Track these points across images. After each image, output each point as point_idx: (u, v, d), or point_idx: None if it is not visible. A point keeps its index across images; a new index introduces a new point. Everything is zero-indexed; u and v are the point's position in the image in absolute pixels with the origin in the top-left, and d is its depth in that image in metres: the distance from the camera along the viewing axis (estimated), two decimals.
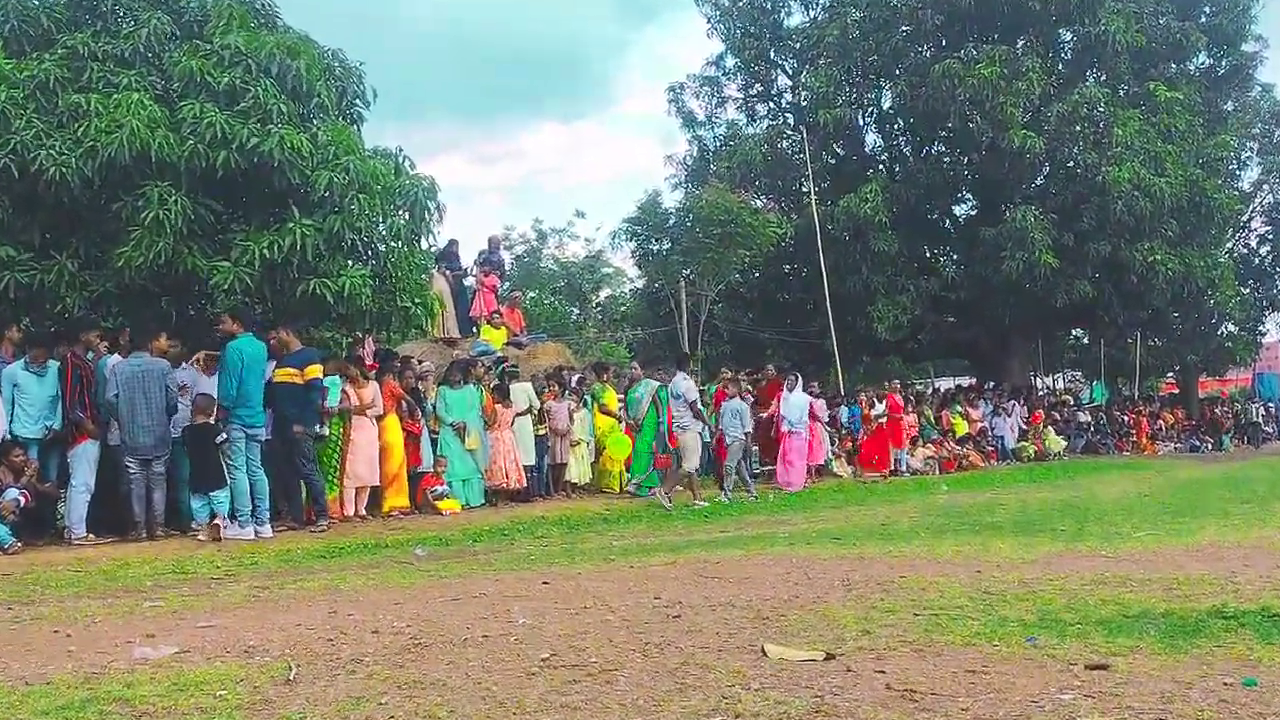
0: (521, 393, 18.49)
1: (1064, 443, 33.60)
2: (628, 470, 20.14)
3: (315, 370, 13.81)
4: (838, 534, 12.04)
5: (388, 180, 15.12)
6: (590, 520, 15.73)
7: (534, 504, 17.73)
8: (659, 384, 19.87)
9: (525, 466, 18.12)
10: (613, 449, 19.96)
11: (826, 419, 24.34)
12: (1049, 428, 33.40)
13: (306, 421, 13.79)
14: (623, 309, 44.99)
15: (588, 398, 20.15)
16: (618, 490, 19.89)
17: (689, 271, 31.91)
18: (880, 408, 26.40)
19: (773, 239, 31.37)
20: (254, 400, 13.35)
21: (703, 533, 13.22)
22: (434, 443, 16.98)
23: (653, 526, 14.53)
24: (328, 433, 14.77)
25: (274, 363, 13.86)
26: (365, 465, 15.36)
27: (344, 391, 15.19)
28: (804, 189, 34.06)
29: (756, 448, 21.89)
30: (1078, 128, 32.25)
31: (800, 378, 22.94)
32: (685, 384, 18.19)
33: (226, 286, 13.71)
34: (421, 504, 16.36)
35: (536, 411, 18.67)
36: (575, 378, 20.45)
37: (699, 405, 18.27)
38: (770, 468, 22.08)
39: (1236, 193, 38.85)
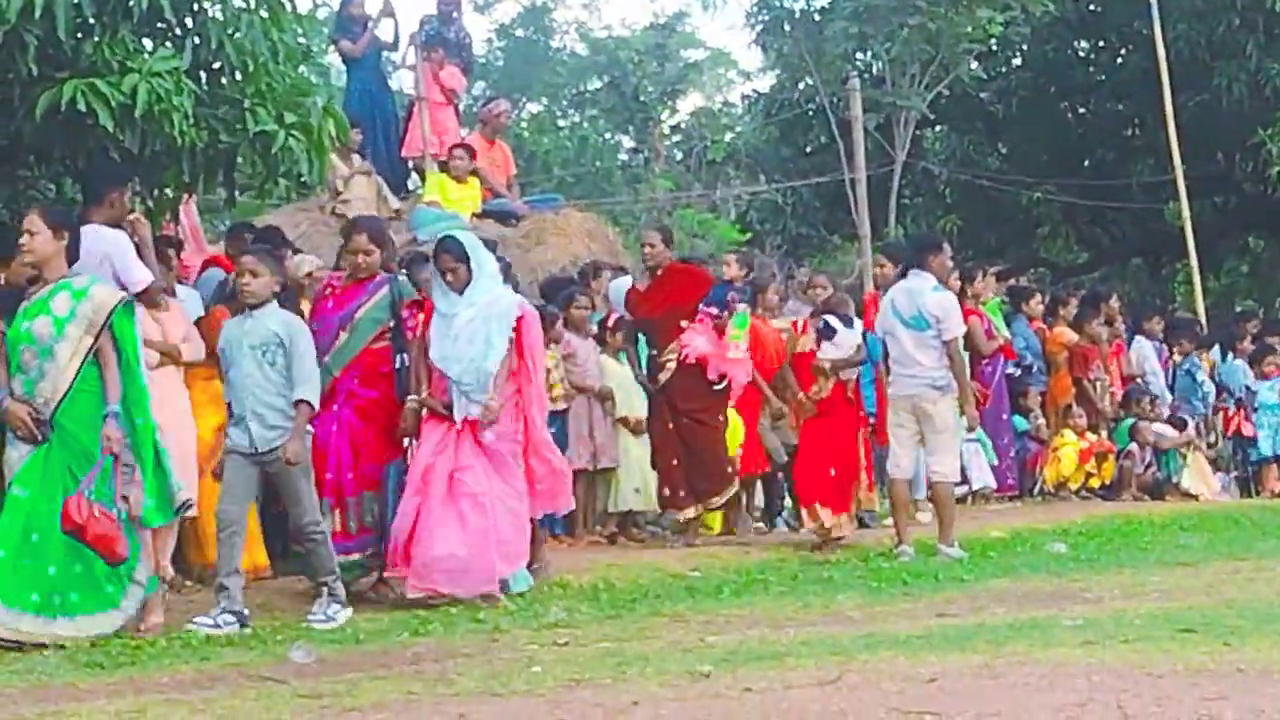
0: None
1: None
2: (741, 480, 10.16)
3: None
4: (1191, 619, 6.30)
5: None
6: (658, 589, 8.41)
7: (541, 557, 8.51)
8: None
9: None
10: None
11: (1163, 381, 13.80)
12: None
13: None
14: (729, 138, 23.77)
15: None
16: (718, 531, 10.46)
17: (869, 56, 17.95)
18: None
19: None
20: None
21: (904, 611, 7.25)
22: None
23: (797, 600, 7.87)
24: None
25: None
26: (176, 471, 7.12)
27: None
28: None
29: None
30: None
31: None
32: (934, 297, 9.21)
33: None
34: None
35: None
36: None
37: (958, 346, 9.40)
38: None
39: None
